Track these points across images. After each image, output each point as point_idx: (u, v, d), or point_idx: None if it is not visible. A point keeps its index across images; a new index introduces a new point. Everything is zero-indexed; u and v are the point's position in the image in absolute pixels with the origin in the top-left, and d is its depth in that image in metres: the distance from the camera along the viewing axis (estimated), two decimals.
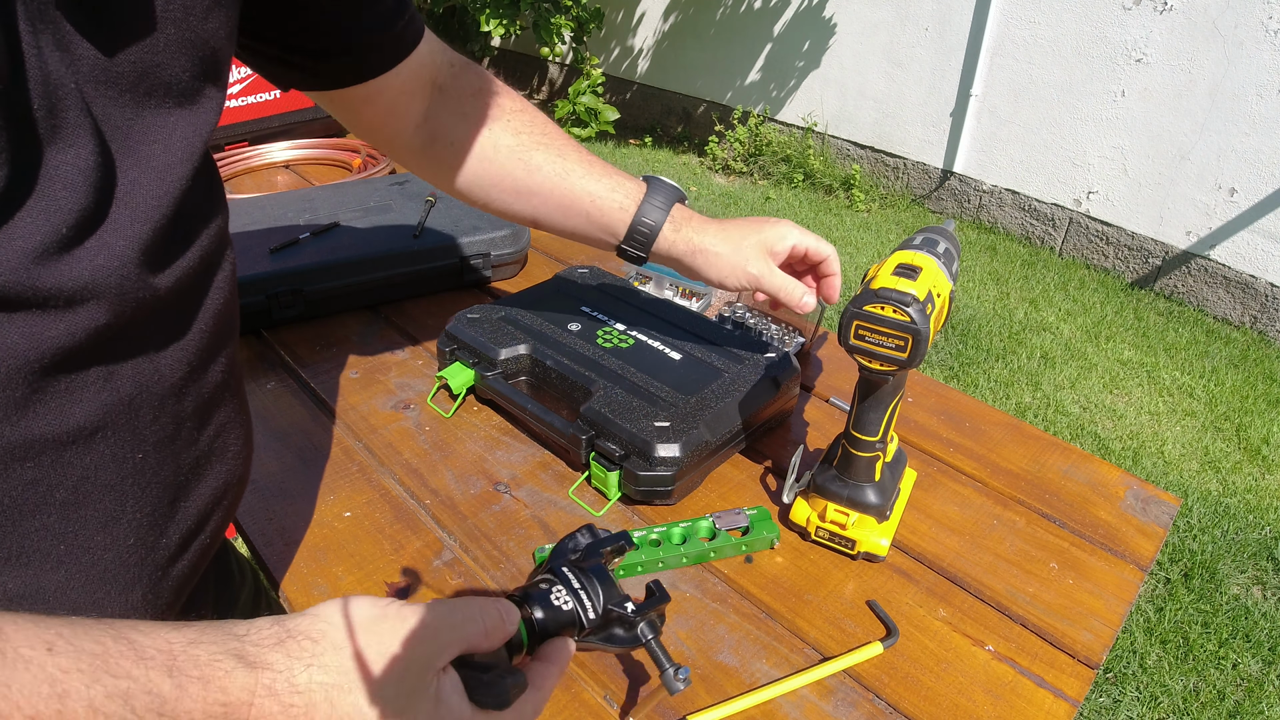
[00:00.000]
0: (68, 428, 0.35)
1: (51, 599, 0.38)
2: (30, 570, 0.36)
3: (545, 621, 0.44)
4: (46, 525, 0.36)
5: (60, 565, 0.37)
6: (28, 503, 0.35)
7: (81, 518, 0.37)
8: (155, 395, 0.40)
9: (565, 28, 3.71)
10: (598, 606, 0.46)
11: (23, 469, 0.34)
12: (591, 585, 0.46)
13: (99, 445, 0.37)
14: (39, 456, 0.35)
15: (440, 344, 0.86)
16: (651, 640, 0.48)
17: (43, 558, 0.37)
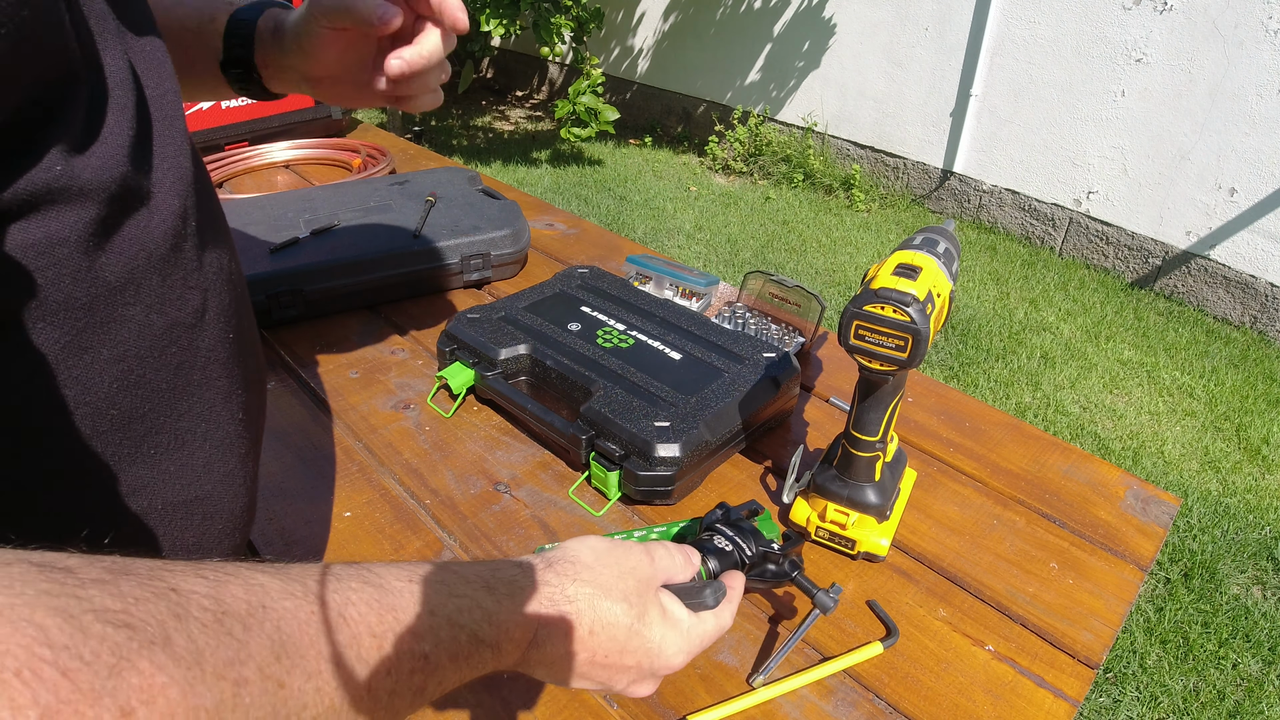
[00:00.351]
0: (189, 310, 0.40)
1: (202, 474, 0.43)
2: (186, 449, 0.41)
3: (716, 563, 0.54)
4: (191, 405, 0.41)
5: (205, 441, 0.43)
6: (177, 385, 0.40)
7: (211, 396, 0.43)
8: (225, 279, 0.44)
9: (565, 28, 3.71)
10: (752, 547, 0.56)
11: (168, 354, 0.39)
12: (743, 534, 0.57)
13: (209, 326, 0.42)
14: (178, 340, 0.39)
15: (440, 344, 0.86)
16: (798, 573, 0.58)
17: (192, 436, 0.42)
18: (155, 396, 0.39)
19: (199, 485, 0.43)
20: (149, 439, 0.39)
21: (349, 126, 1.65)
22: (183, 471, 0.41)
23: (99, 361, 0.36)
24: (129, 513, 0.39)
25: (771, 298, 0.97)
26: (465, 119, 5.40)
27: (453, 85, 5.87)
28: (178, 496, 0.41)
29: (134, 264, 0.36)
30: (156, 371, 0.39)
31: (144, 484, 0.39)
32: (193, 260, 0.40)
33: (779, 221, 3.78)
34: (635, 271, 1.05)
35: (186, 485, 0.42)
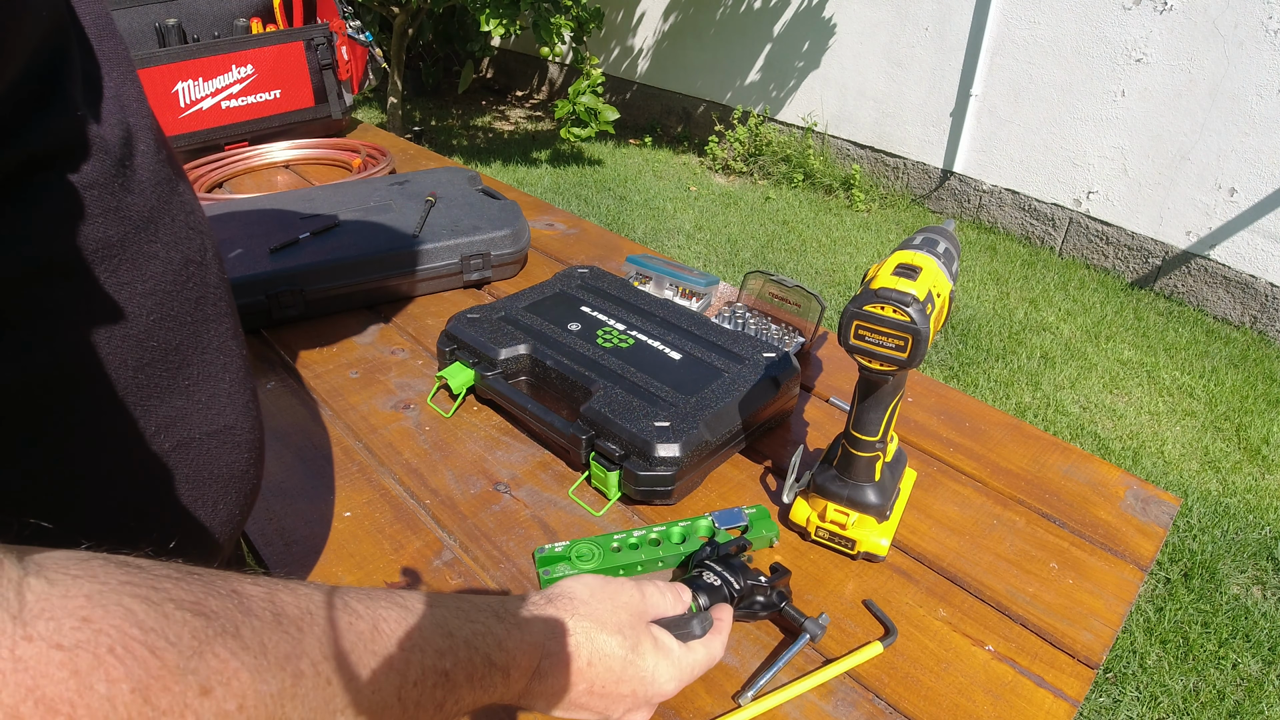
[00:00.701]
0: (195, 247, 0.42)
1: (226, 405, 0.45)
2: (212, 380, 0.44)
3: (706, 599, 0.57)
4: (210, 338, 0.44)
5: (225, 372, 0.45)
6: (198, 318, 0.43)
7: (222, 330, 0.45)
8: (204, 222, 0.46)
9: (565, 28, 3.71)
10: (740, 582, 0.59)
11: (189, 289, 0.41)
12: (731, 569, 0.59)
13: (211, 263, 0.44)
14: (193, 275, 0.42)
15: (440, 344, 0.86)
16: (785, 604, 0.60)
17: (216, 367, 0.44)
18: (184, 329, 0.41)
19: (226, 415, 0.45)
20: (183, 370, 0.42)
21: (349, 126, 1.65)
22: (213, 401, 0.44)
23: (136, 296, 0.38)
24: (173, 443, 0.41)
25: (771, 298, 0.97)
26: (465, 119, 5.40)
27: (453, 85, 5.87)
28: (211, 425, 0.44)
29: (151, 202, 0.39)
30: (181, 305, 0.41)
31: (183, 414, 0.42)
32: (189, 201, 0.43)
33: (779, 221, 3.78)
34: (635, 271, 1.05)
35: (217, 414, 0.44)
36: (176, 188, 0.42)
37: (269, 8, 1.51)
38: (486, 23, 3.58)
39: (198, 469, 0.43)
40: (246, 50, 1.42)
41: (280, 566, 0.65)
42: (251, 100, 1.46)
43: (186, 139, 1.41)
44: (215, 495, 0.45)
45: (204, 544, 0.45)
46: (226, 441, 0.45)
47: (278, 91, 1.48)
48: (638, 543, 0.66)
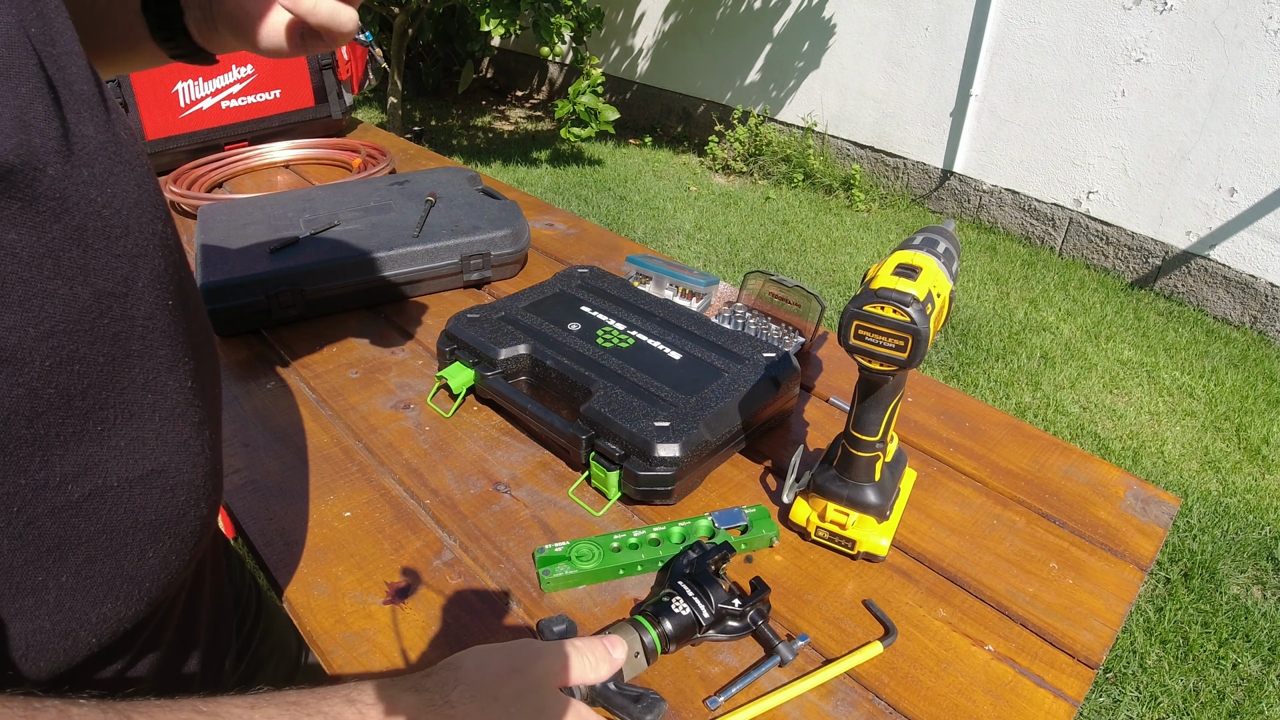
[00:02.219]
0: (116, 279, 0.39)
1: (155, 446, 0.42)
2: (135, 422, 0.41)
3: (671, 628, 0.56)
4: (133, 377, 0.40)
5: (154, 412, 0.42)
6: (116, 356, 0.39)
7: (154, 365, 0.42)
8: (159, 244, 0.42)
9: (565, 27, 3.71)
10: (711, 608, 0.57)
11: (101, 326, 0.38)
12: (703, 592, 0.58)
13: (143, 294, 0.40)
14: (109, 311, 0.38)
15: (440, 344, 0.86)
16: (761, 625, 0.59)
17: (140, 408, 0.41)
18: (94, 370, 0.38)
19: (155, 457, 0.42)
20: (94, 414, 0.38)
21: (349, 126, 1.65)
22: (135, 445, 0.41)
23: (27, 341, 0.34)
24: (84, 493, 0.38)
25: (771, 298, 0.97)
26: (465, 119, 5.40)
27: (453, 85, 5.87)
28: (134, 471, 0.41)
29: (53, 235, 0.35)
30: (91, 345, 0.37)
31: (96, 461, 0.39)
32: (118, 226, 0.39)
33: (779, 221, 3.78)
34: (635, 271, 1.05)
35: (142, 458, 0.41)
36: (103, 213, 0.38)
37: None
38: (486, 23, 3.58)
39: (117, 518, 0.40)
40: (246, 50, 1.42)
41: (280, 566, 0.65)
42: (251, 100, 1.46)
43: (186, 139, 1.41)
44: (142, 542, 0.42)
45: (124, 595, 0.42)
46: (156, 485, 0.42)
47: (278, 91, 1.48)
48: (638, 543, 0.66)
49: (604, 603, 0.63)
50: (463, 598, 0.62)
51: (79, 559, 0.39)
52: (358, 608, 0.61)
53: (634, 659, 0.54)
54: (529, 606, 0.62)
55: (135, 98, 1.34)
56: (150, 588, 0.43)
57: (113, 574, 0.41)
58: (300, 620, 0.60)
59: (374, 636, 0.59)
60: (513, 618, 0.61)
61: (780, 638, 0.58)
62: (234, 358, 0.92)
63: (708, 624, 0.57)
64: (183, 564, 0.46)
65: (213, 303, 0.91)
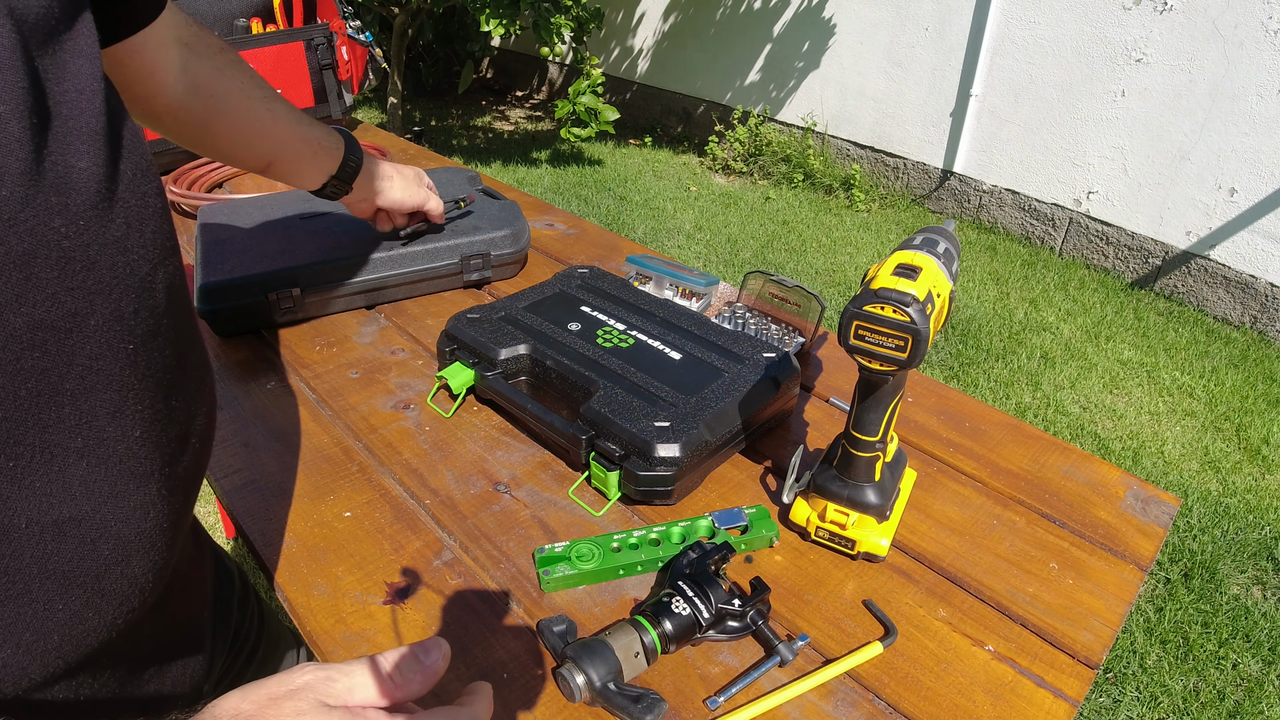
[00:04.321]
0: (61, 312, 0.37)
1: (78, 493, 0.39)
2: (56, 464, 0.38)
3: (671, 629, 0.56)
4: (62, 417, 0.38)
5: (82, 457, 0.39)
6: (43, 393, 0.37)
7: (91, 408, 0.39)
8: (135, 286, 0.41)
9: (565, 27, 3.71)
10: (711, 608, 0.57)
11: (29, 358, 0.36)
12: (703, 592, 0.58)
13: (93, 333, 0.38)
14: (42, 344, 0.36)
15: (440, 344, 0.86)
16: (761, 625, 0.59)
17: (65, 450, 0.38)
18: (10, 403, 0.35)
19: (74, 504, 0.39)
20: (7, 449, 0.36)
21: (349, 127, 1.65)
22: (51, 488, 0.38)
23: None
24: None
25: (771, 298, 0.97)
26: (465, 119, 5.40)
27: (453, 85, 5.87)
28: (46, 516, 0.38)
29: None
30: (12, 377, 0.35)
31: (2, 498, 0.36)
32: (80, 260, 0.37)
33: (779, 221, 3.78)
34: (635, 271, 1.05)
35: (58, 504, 0.38)
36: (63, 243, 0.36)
37: (269, 8, 1.51)
38: (486, 23, 3.58)
39: (22, 562, 0.37)
40: (246, 50, 1.42)
41: (280, 567, 0.65)
42: None
43: None
44: (49, 592, 0.39)
45: (29, 643, 0.39)
46: (71, 535, 0.39)
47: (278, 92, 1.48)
48: (638, 543, 0.66)
49: (604, 603, 0.63)
50: (463, 598, 0.62)
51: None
52: (358, 608, 0.61)
53: (634, 659, 0.54)
54: (529, 606, 0.62)
55: None
56: (59, 641, 0.40)
57: (13, 620, 0.38)
58: (300, 620, 0.60)
59: (374, 637, 0.59)
60: (513, 618, 0.61)
61: (780, 638, 0.58)
62: (234, 358, 0.92)
63: (708, 624, 0.57)
64: (104, 623, 0.43)
65: (213, 303, 0.91)
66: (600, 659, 0.53)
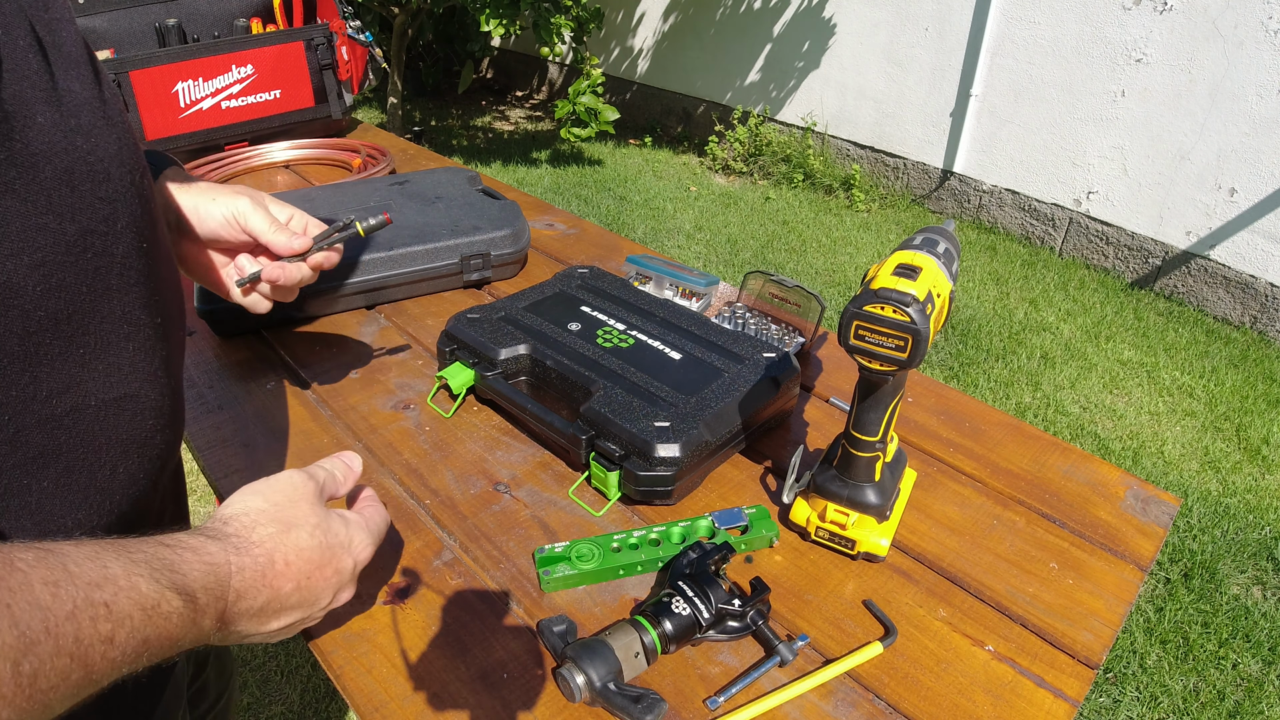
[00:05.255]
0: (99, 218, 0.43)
1: (129, 373, 0.46)
2: (113, 350, 0.45)
3: (671, 629, 0.56)
4: (112, 309, 0.44)
5: (128, 342, 0.46)
6: (96, 289, 0.43)
7: (131, 301, 0.46)
8: (135, 193, 0.46)
9: (565, 28, 3.71)
10: (711, 608, 0.57)
11: (84, 260, 0.42)
12: (704, 592, 0.58)
13: (122, 235, 0.45)
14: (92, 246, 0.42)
15: (440, 344, 0.86)
16: (761, 625, 0.59)
17: (117, 337, 0.45)
18: (78, 299, 0.42)
19: (127, 383, 0.46)
20: (77, 339, 0.42)
21: (349, 126, 1.65)
22: (111, 370, 0.45)
23: (21, 268, 0.39)
24: (66, 408, 0.42)
25: (771, 298, 0.97)
26: (465, 119, 5.40)
27: (453, 85, 5.87)
28: (109, 394, 0.45)
29: (41, 175, 0.39)
30: (76, 275, 0.41)
31: (77, 381, 0.43)
32: (100, 172, 0.43)
33: (779, 221, 3.78)
34: (635, 272, 1.05)
35: (116, 383, 0.45)
36: (89, 159, 0.42)
37: (269, 8, 1.51)
38: (486, 23, 3.58)
39: (93, 434, 0.44)
40: (246, 50, 1.42)
41: None
42: (251, 100, 1.46)
43: (186, 139, 1.41)
44: (114, 459, 0.46)
45: (96, 504, 0.45)
46: (127, 408, 0.46)
47: (278, 92, 1.48)
48: (638, 543, 0.66)
49: (604, 603, 0.63)
50: (463, 598, 0.62)
51: (59, 468, 0.43)
52: (358, 608, 0.61)
53: (634, 659, 0.54)
54: (529, 607, 0.62)
55: (135, 98, 1.34)
56: (120, 500, 0.47)
57: (87, 484, 0.45)
58: None
59: (374, 637, 0.59)
60: (513, 618, 0.61)
61: (780, 638, 0.58)
62: (234, 358, 0.92)
63: (708, 624, 0.57)
64: (149, 483, 0.50)
65: (213, 303, 0.91)
66: (600, 659, 0.53)
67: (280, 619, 0.47)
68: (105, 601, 0.35)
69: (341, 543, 0.50)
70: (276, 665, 1.64)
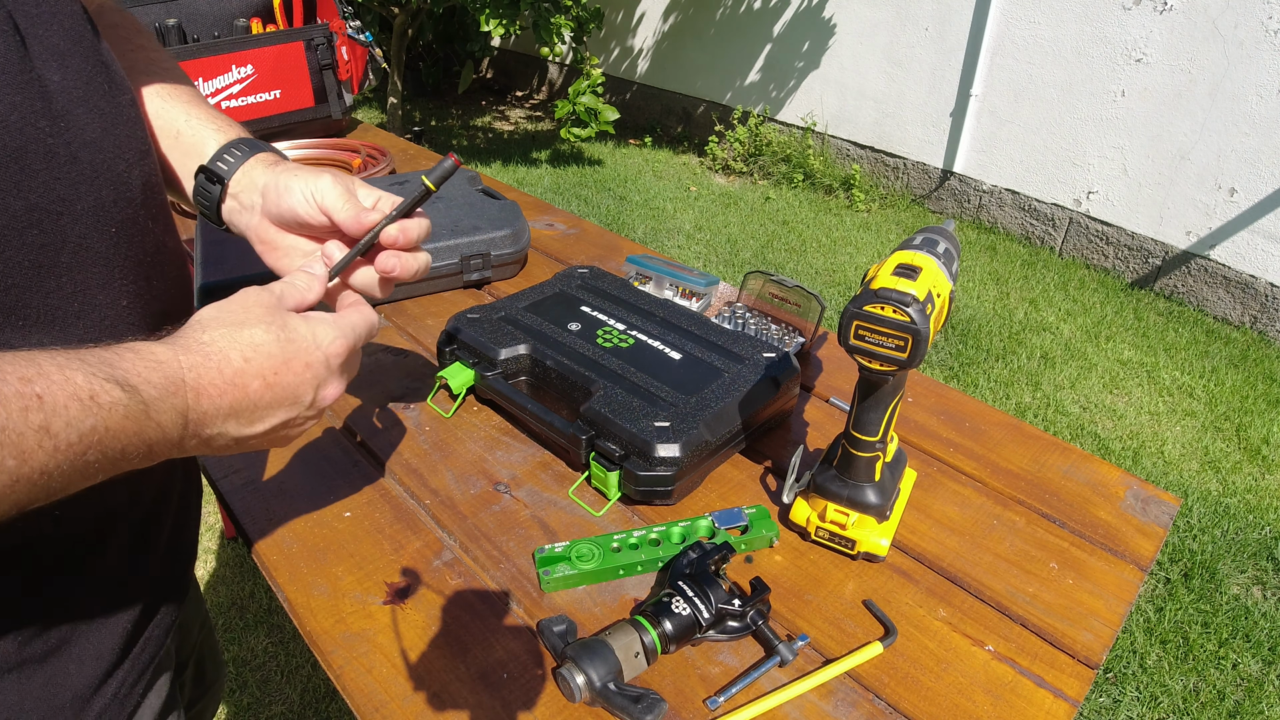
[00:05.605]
0: (52, 198, 0.43)
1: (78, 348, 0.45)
2: (58, 325, 0.44)
3: (671, 629, 0.56)
4: (60, 285, 0.44)
5: (79, 319, 0.46)
6: (43, 264, 0.43)
7: (85, 280, 0.46)
8: (109, 179, 0.47)
9: (565, 27, 3.71)
10: (711, 608, 0.57)
11: (29, 235, 0.42)
12: (704, 592, 0.58)
13: (81, 217, 0.45)
14: (39, 224, 0.43)
15: (440, 344, 0.86)
16: (761, 625, 0.59)
17: (65, 313, 0.45)
18: (17, 272, 0.42)
19: None
20: (17, 311, 0.42)
21: (349, 126, 1.65)
22: (55, 343, 0.43)
23: None
24: None
25: (771, 298, 0.97)
26: (465, 119, 5.40)
27: (453, 85, 5.87)
28: None
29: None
30: (17, 250, 0.41)
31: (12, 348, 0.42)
32: (64, 155, 0.43)
33: (779, 221, 3.78)
34: (635, 272, 1.05)
35: None
36: (47, 140, 0.42)
37: (269, 8, 1.51)
38: (486, 23, 3.58)
39: None
40: (246, 50, 1.42)
41: (280, 567, 0.65)
42: (251, 100, 1.46)
43: None
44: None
45: None
46: None
47: (278, 91, 1.48)
48: (638, 543, 0.66)
49: (604, 603, 0.63)
50: (462, 598, 0.62)
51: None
52: (358, 608, 0.61)
53: (634, 659, 0.54)
54: (529, 607, 0.62)
55: None
56: None
57: None
58: (300, 620, 0.60)
59: (374, 637, 0.59)
60: (513, 618, 0.61)
61: (780, 638, 0.58)
62: None
63: (708, 624, 0.57)
64: None
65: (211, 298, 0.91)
66: (600, 659, 0.53)
67: (265, 419, 0.47)
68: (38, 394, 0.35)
69: (303, 336, 0.48)
70: (276, 665, 1.64)
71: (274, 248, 0.64)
